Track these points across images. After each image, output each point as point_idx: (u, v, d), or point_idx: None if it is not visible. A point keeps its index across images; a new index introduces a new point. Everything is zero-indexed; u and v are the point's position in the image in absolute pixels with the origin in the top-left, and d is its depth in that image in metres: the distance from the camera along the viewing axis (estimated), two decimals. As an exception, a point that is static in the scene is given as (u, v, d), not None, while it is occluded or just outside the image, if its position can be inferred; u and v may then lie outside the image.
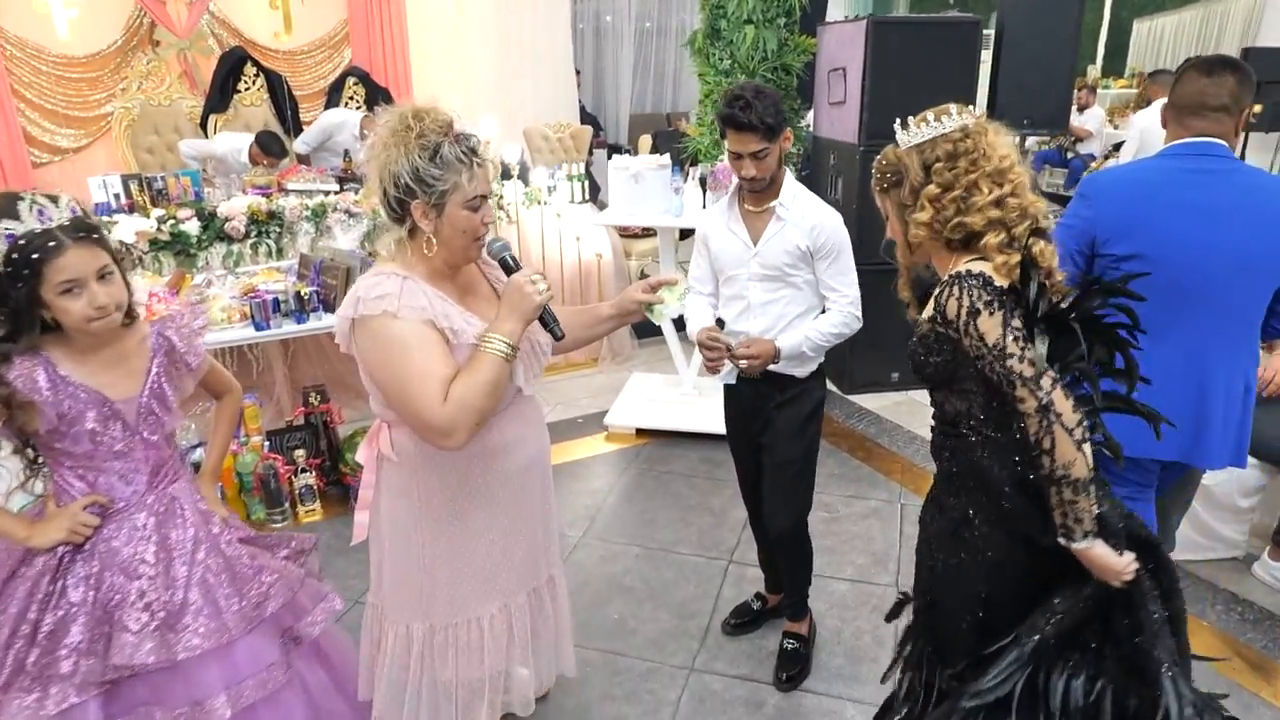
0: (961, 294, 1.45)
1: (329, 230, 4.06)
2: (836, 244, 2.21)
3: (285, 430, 3.54)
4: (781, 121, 2.11)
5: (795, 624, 2.56)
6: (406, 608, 1.80)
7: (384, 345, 1.55)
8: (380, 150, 1.54)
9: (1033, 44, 3.95)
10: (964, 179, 1.50)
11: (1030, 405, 1.41)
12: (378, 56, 6.17)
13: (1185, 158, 2.03)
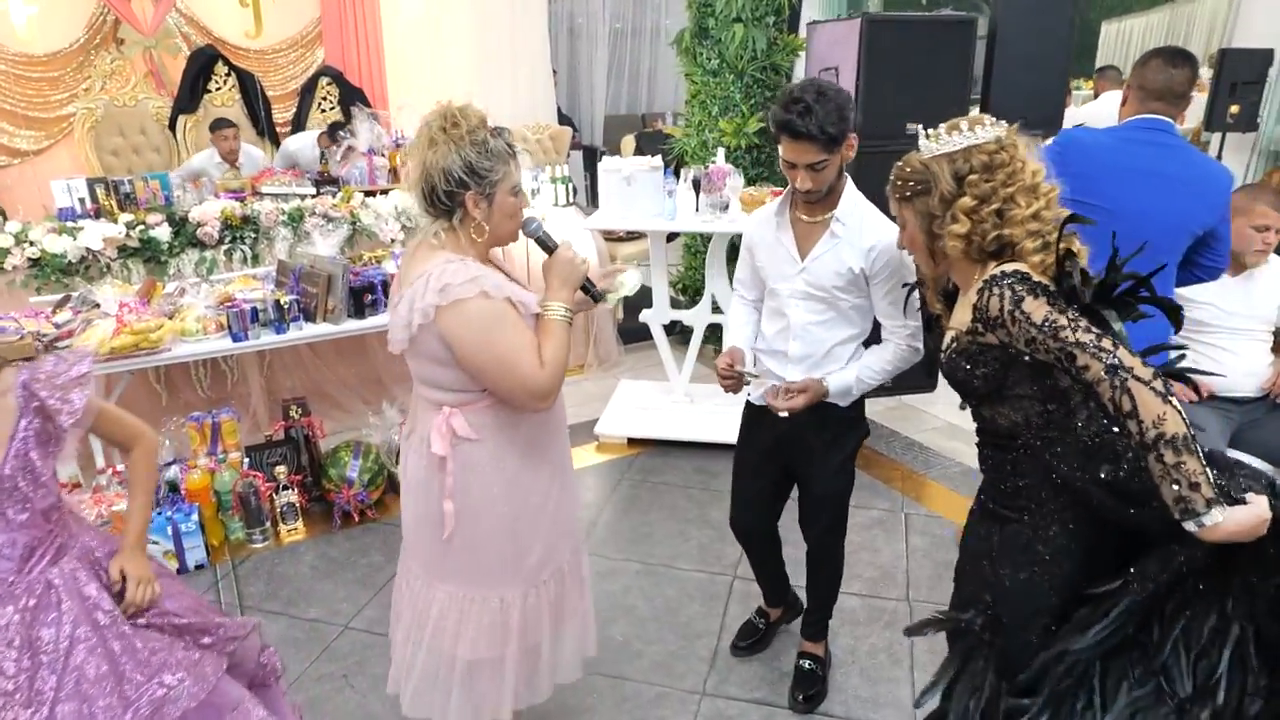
0: (1002, 290, 1.40)
1: (307, 235, 3.91)
2: (897, 265, 1.97)
3: (265, 445, 3.38)
4: (846, 129, 1.85)
5: (813, 645, 2.47)
6: (495, 579, 1.82)
7: (484, 324, 1.61)
8: (427, 149, 1.61)
9: (1026, 43, 3.90)
10: (1001, 191, 1.45)
11: (1097, 369, 1.31)
12: (351, 56, 6.00)
13: (1142, 130, 2.34)
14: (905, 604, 2.80)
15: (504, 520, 1.78)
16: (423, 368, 1.71)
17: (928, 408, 4.32)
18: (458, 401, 1.71)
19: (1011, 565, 1.54)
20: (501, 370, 1.63)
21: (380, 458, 3.41)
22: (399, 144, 4.60)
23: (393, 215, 4.13)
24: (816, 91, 1.84)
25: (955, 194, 1.48)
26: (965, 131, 1.49)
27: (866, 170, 3.92)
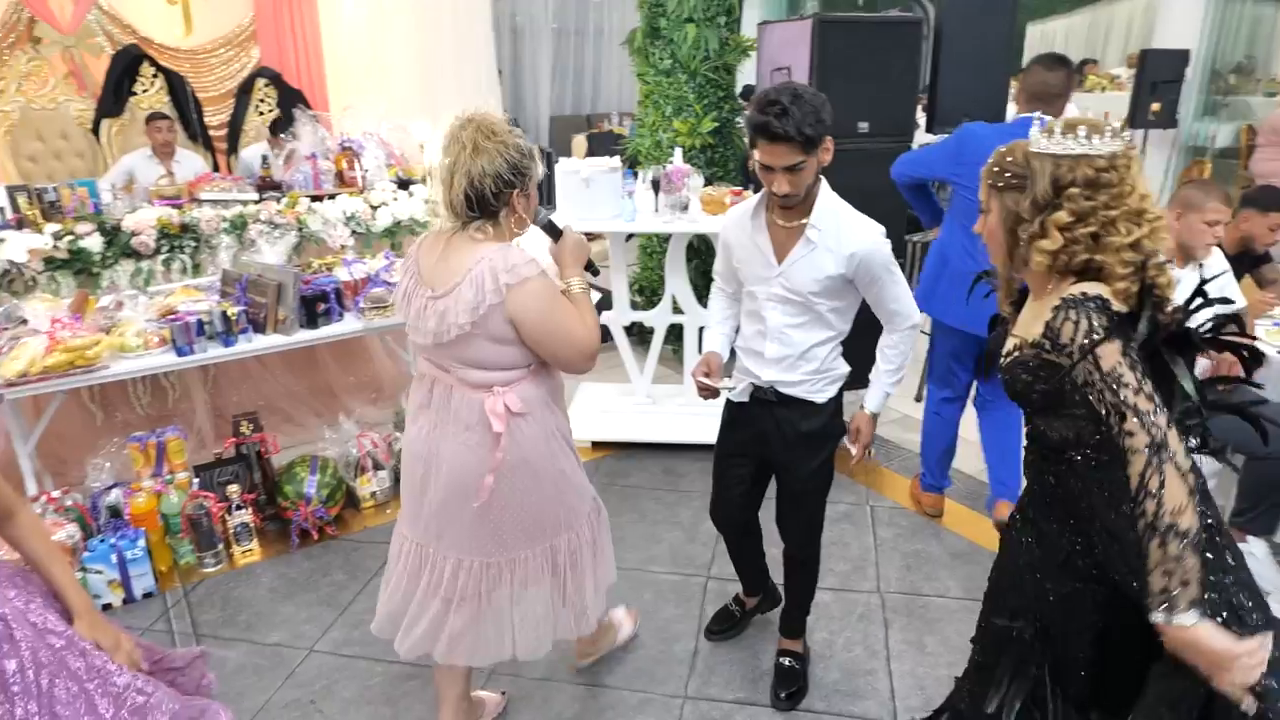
0: (1080, 318, 1.33)
1: (252, 243, 3.75)
2: (882, 266, 1.99)
3: (215, 464, 3.24)
4: (823, 131, 1.84)
5: (791, 641, 2.48)
6: (553, 530, 2.01)
7: (547, 299, 1.81)
8: (473, 157, 1.74)
9: (970, 44, 3.99)
10: (1102, 214, 1.36)
11: (1140, 440, 1.27)
12: (289, 57, 5.79)
13: (1021, 126, 2.65)
14: (877, 595, 2.83)
15: (560, 476, 1.99)
16: (479, 351, 1.82)
17: (884, 402, 4.38)
18: (506, 380, 1.86)
19: (1055, 580, 1.52)
20: (561, 337, 1.84)
21: (338, 472, 3.30)
22: (345, 147, 4.46)
23: (341, 221, 4.00)
24: (792, 94, 1.82)
25: (1049, 202, 1.39)
26: (1081, 138, 1.37)
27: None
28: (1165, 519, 1.24)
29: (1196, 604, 1.23)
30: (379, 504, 3.42)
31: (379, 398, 4.31)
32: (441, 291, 1.80)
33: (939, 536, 3.15)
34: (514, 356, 1.85)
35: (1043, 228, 1.39)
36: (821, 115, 1.84)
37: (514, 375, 1.87)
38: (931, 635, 2.62)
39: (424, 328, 1.83)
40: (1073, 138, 1.37)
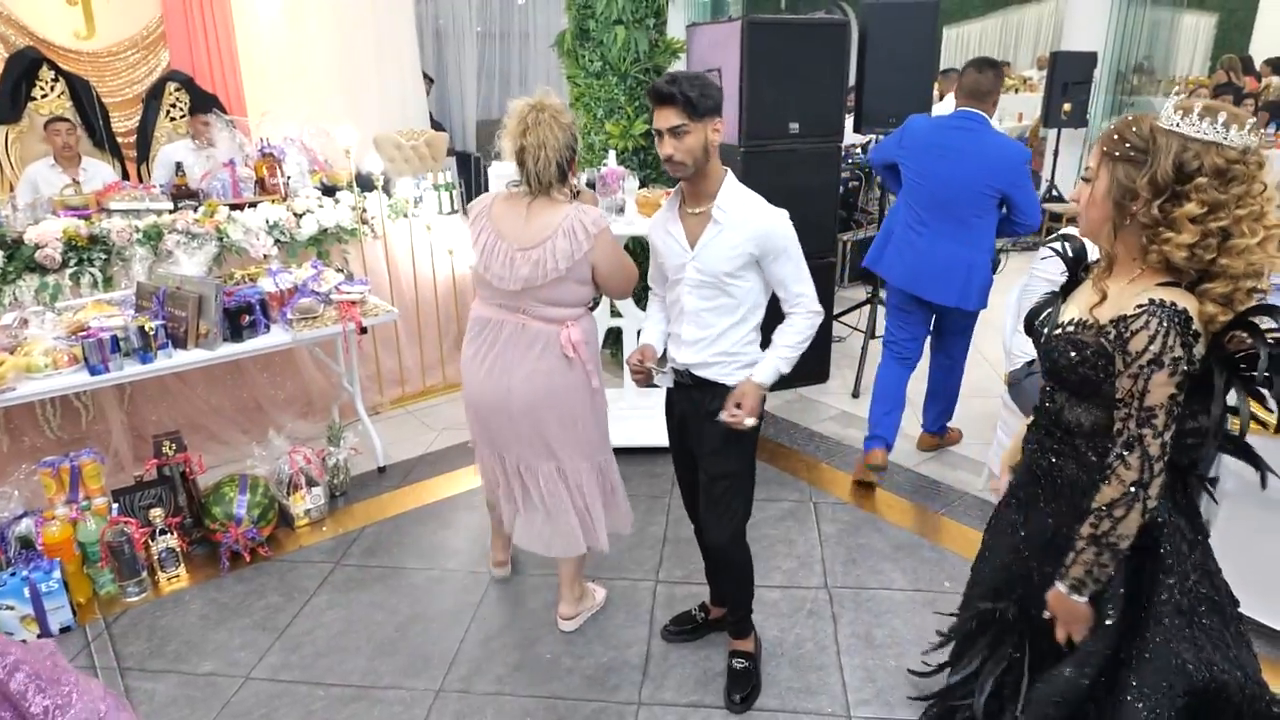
0: (1157, 334, 1.31)
1: (169, 255, 3.58)
2: (784, 244, 2.08)
3: (135, 487, 3.07)
4: (710, 106, 1.95)
5: (740, 641, 2.47)
6: (599, 450, 2.52)
7: (614, 244, 2.31)
8: (554, 132, 2.14)
9: (893, 46, 4.08)
10: (1233, 210, 1.31)
11: (1130, 476, 1.37)
12: (201, 60, 5.56)
13: (956, 119, 3.21)
14: (825, 591, 2.85)
15: (603, 401, 2.49)
16: (564, 291, 2.27)
17: (822, 398, 4.44)
18: (574, 316, 2.34)
19: (1039, 558, 1.57)
20: (627, 272, 2.36)
21: (270, 490, 3.16)
22: (265, 153, 4.30)
23: (264, 229, 3.85)
24: (692, 73, 2.03)
25: (1168, 185, 1.32)
26: (1219, 124, 1.30)
27: (752, 168, 4.02)
28: (1110, 536, 1.40)
29: (1090, 592, 1.47)
30: (314, 522, 3.29)
31: (310, 411, 4.16)
32: (533, 244, 2.21)
33: (881, 530, 3.20)
34: (583, 295, 2.34)
35: (1169, 220, 1.33)
36: (709, 90, 1.96)
37: (578, 313, 2.35)
38: (880, 628, 2.66)
39: (515, 275, 2.23)
40: (1209, 122, 1.30)
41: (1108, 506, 1.39)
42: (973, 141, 3.13)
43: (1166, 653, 1.48)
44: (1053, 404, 1.57)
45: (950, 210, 3.22)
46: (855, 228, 6.50)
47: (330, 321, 3.38)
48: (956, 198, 3.19)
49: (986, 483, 3.48)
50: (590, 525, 2.52)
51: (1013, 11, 11.78)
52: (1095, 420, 1.48)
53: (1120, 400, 1.38)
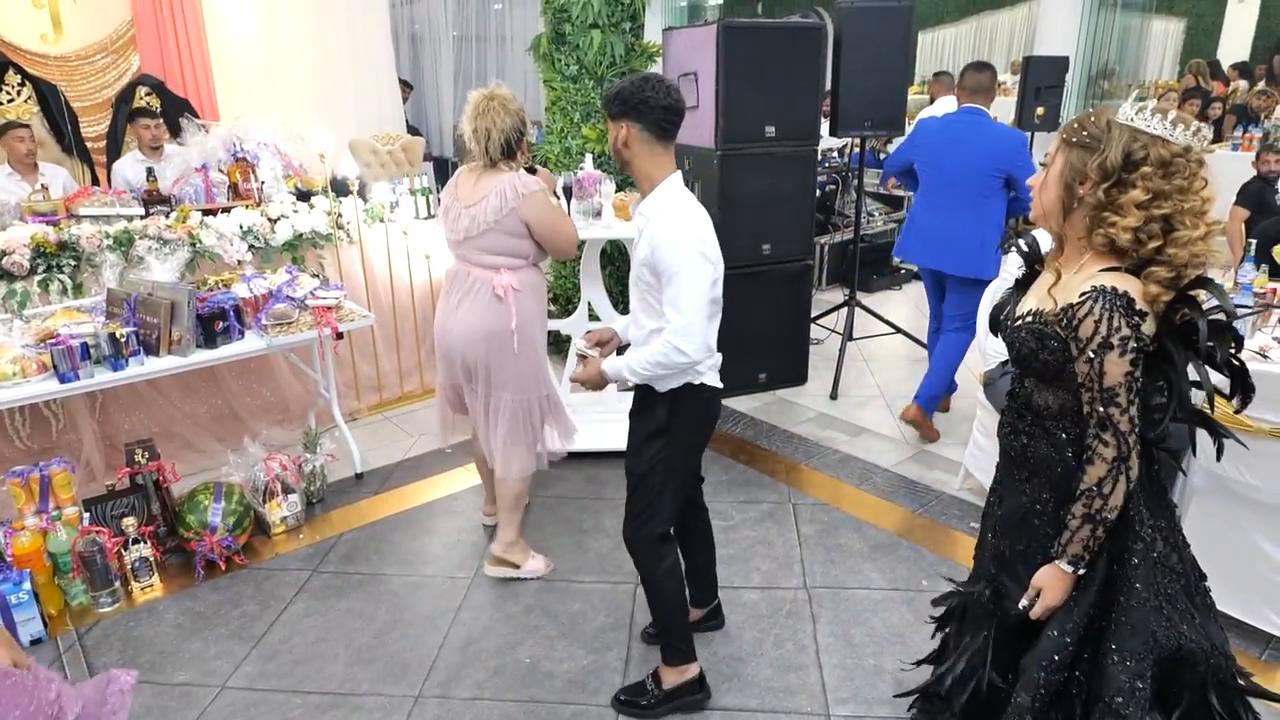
0: (1102, 317, 1.40)
1: (140, 261, 3.53)
2: (670, 266, 1.97)
3: (108, 496, 3.03)
4: (617, 110, 2.02)
5: (661, 665, 2.37)
6: (542, 381, 2.88)
7: (547, 205, 2.73)
8: (503, 117, 2.63)
9: (868, 50, 4.12)
10: (1175, 199, 1.41)
11: (1109, 453, 1.45)
12: (172, 64, 5.50)
13: (962, 114, 3.76)
14: (804, 591, 2.87)
15: (541, 346, 2.86)
16: (496, 242, 2.70)
17: (800, 400, 4.46)
18: (511, 265, 2.74)
19: (1012, 537, 1.64)
20: (560, 230, 2.76)
21: (245, 498, 3.13)
22: (239, 158, 4.26)
23: (238, 235, 3.81)
24: (633, 77, 2.06)
25: (1116, 172, 1.42)
26: (1166, 122, 1.42)
27: (729, 171, 4.04)
28: (1101, 512, 1.47)
29: (1081, 563, 1.55)
30: (290, 529, 3.26)
31: (286, 418, 4.12)
32: (474, 202, 2.68)
33: (860, 530, 3.22)
34: (516, 247, 2.72)
35: (1115, 204, 1.43)
36: (623, 97, 2.02)
37: (515, 263, 2.75)
38: (858, 627, 2.67)
39: (458, 228, 2.71)
40: (1159, 119, 1.41)
41: (1097, 485, 1.47)
42: (977, 132, 3.67)
43: (1140, 615, 1.54)
44: (1022, 389, 1.65)
45: (962, 193, 3.71)
46: (832, 231, 6.54)
47: (306, 327, 3.35)
48: (968, 182, 3.68)
49: (963, 482, 3.52)
50: (512, 450, 2.87)
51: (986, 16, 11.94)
52: (1062, 402, 1.56)
53: (1082, 385, 1.47)
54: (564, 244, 2.79)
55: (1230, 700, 1.61)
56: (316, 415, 3.94)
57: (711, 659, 2.53)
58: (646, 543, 2.27)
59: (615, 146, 2.08)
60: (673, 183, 2.08)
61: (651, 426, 2.20)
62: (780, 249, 4.24)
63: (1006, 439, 1.71)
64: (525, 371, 2.81)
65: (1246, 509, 2.46)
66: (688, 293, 1.98)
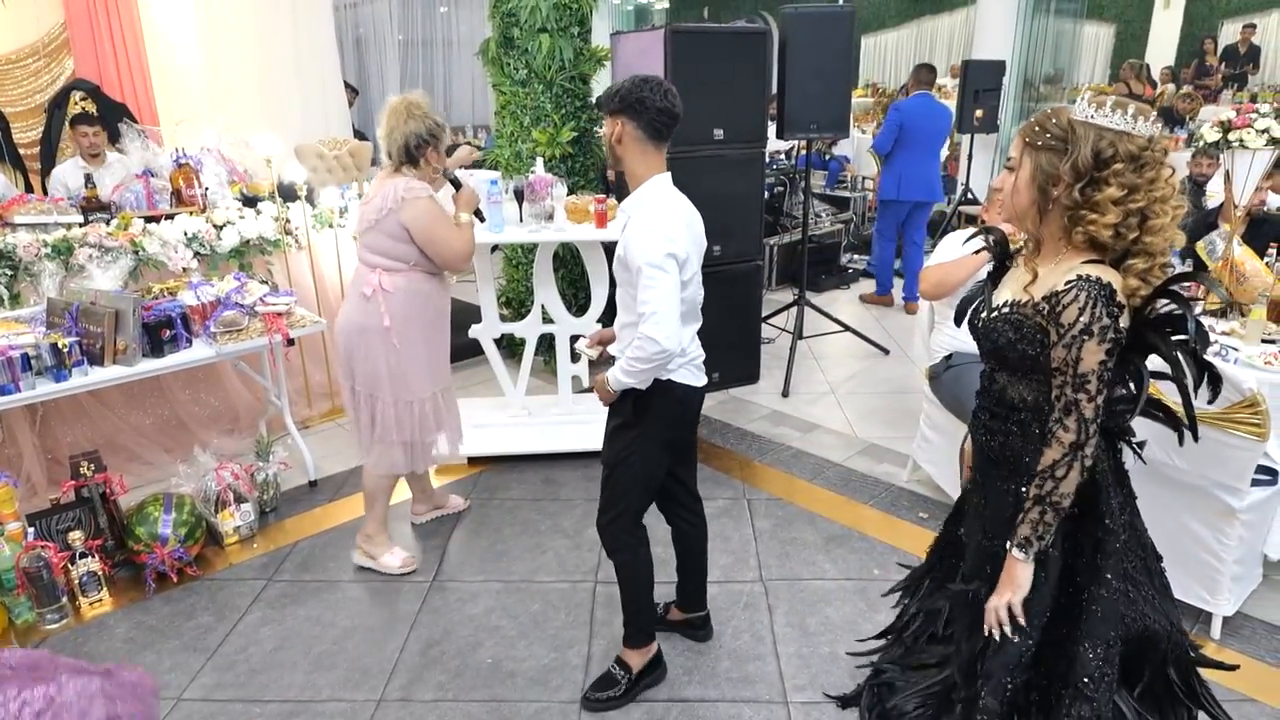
0: (1086, 305, 1.41)
1: (81, 269, 3.45)
2: (639, 259, 2.03)
3: (53, 510, 2.95)
4: (611, 106, 2.10)
5: (625, 649, 2.45)
6: (403, 387, 2.84)
7: (427, 212, 2.71)
8: (406, 121, 2.68)
9: (812, 54, 4.21)
10: (1146, 193, 1.43)
11: (1068, 438, 1.47)
12: (108, 67, 5.36)
13: (920, 98, 5.87)
14: (760, 584, 2.93)
15: (408, 355, 2.81)
16: (378, 241, 2.74)
17: (753, 398, 4.54)
18: (389, 267, 2.76)
19: (1001, 535, 1.62)
20: (439, 242, 2.74)
21: (197, 508, 3.08)
22: (180, 163, 4.18)
23: (182, 242, 3.74)
24: (631, 78, 2.11)
25: (1088, 172, 1.43)
26: (1128, 116, 1.42)
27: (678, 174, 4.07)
28: (1054, 495, 1.49)
29: (1034, 550, 1.56)
30: (244, 539, 3.22)
31: (236, 427, 4.06)
32: (367, 201, 2.76)
33: (813, 523, 3.30)
34: (399, 252, 2.74)
35: (1093, 204, 1.44)
36: (620, 93, 2.09)
37: (395, 265, 2.76)
38: (813, 616, 2.74)
39: (358, 225, 2.80)
40: (1120, 114, 1.42)
41: (1050, 467, 1.49)
42: (929, 106, 5.85)
43: (1111, 604, 1.58)
44: (995, 384, 1.66)
45: (931, 146, 5.85)
46: (781, 232, 6.65)
47: (256, 334, 3.31)
48: (934, 138, 5.85)
49: (911, 474, 3.62)
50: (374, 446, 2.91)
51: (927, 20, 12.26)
52: (1037, 396, 1.58)
53: (1055, 369, 1.49)
54: (447, 255, 2.77)
55: (1186, 674, 1.69)
56: (268, 423, 3.89)
57: (671, 652, 2.57)
58: (615, 533, 2.33)
59: (609, 142, 2.14)
60: (657, 182, 2.13)
61: (618, 420, 2.26)
62: (730, 250, 4.32)
63: (981, 438, 1.71)
64: (395, 374, 2.80)
65: (1175, 491, 2.58)
66: (656, 286, 2.02)
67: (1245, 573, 2.65)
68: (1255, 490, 2.57)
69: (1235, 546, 2.52)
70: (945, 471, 3.36)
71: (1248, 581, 2.70)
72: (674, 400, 2.21)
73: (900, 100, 6.18)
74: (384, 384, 2.82)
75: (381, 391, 2.82)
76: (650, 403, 2.18)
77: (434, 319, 2.88)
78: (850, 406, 4.42)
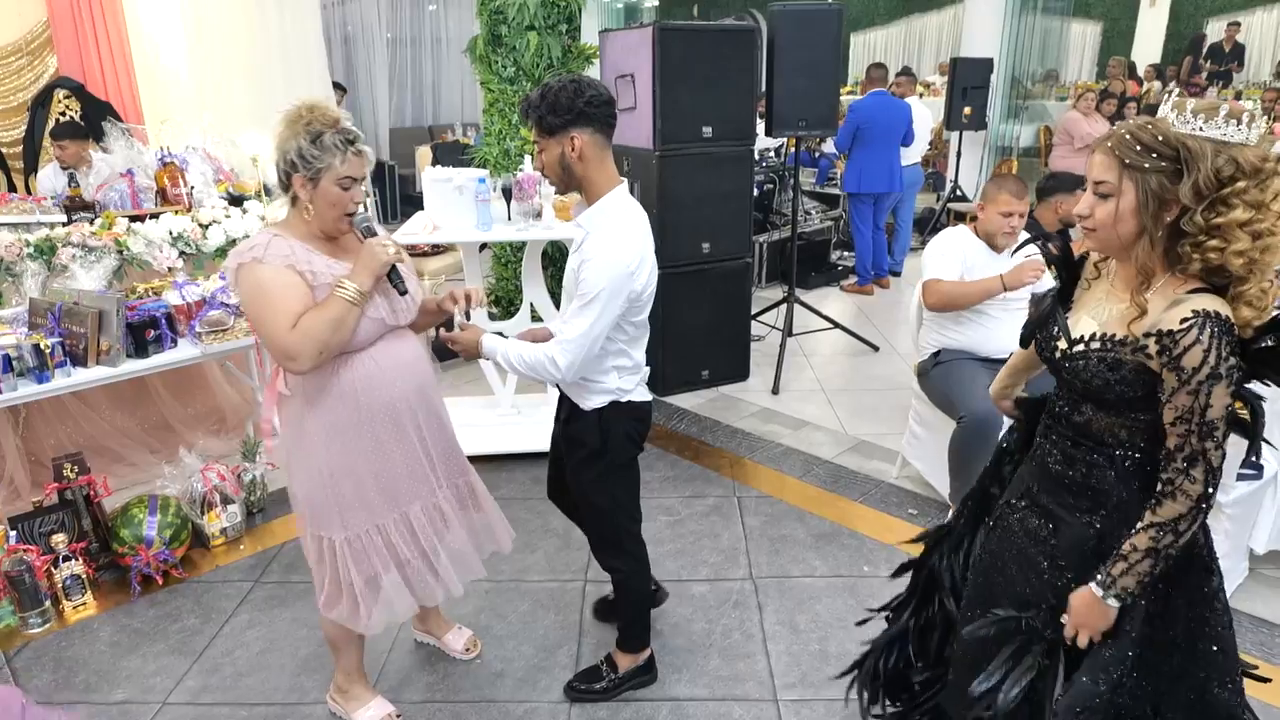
0: (1211, 347, 1.25)
1: (64, 269, 3.42)
2: (590, 286, 1.91)
3: (35, 513, 2.92)
4: (557, 124, 1.90)
5: (617, 650, 2.45)
6: (322, 520, 2.04)
7: (250, 285, 1.86)
8: (279, 131, 1.86)
9: (801, 52, 4.21)
10: (1275, 208, 1.27)
11: (1195, 490, 1.33)
12: (92, 65, 5.31)
13: (875, 96, 6.15)
14: (750, 582, 2.92)
15: (315, 468, 2.00)
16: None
17: (744, 396, 4.54)
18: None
19: (1076, 570, 1.50)
20: (259, 325, 1.88)
21: (182, 510, 3.06)
22: (165, 162, 4.14)
23: (167, 242, 3.71)
24: (550, 85, 1.94)
25: (1211, 193, 1.27)
26: (1242, 125, 1.26)
27: (667, 172, 4.09)
28: (1169, 550, 1.37)
29: (1125, 596, 1.42)
30: (230, 541, 3.19)
31: (223, 428, 4.03)
32: None
33: (803, 520, 3.29)
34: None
35: (1213, 228, 1.28)
36: (558, 106, 1.89)
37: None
38: (802, 614, 2.74)
39: None
40: (1234, 125, 1.27)
41: (1173, 521, 1.35)
42: (890, 102, 6.15)
43: (1229, 639, 1.52)
44: (1079, 416, 1.50)
45: (889, 140, 6.07)
46: (770, 229, 6.66)
47: (242, 334, 3.28)
48: (891, 133, 6.05)
49: (900, 471, 3.63)
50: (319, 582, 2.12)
51: (916, 19, 12.31)
52: (1130, 430, 1.44)
53: (1179, 418, 1.32)
54: (271, 349, 1.88)
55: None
56: (255, 424, 3.86)
57: (661, 650, 2.56)
58: (610, 559, 2.34)
59: (563, 163, 1.94)
60: (618, 195, 2.00)
61: (584, 451, 2.17)
62: (720, 247, 4.31)
63: (1058, 466, 1.56)
64: (309, 500, 2.03)
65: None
66: (590, 316, 1.92)
67: (1231, 567, 2.66)
68: (1240, 485, 2.59)
69: (1221, 541, 2.53)
70: (934, 468, 3.36)
71: (1233, 575, 2.71)
72: (636, 420, 2.19)
73: (856, 100, 6.37)
74: (312, 512, 2.04)
75: (311, 523, 2.06)
76: (615, 429, 2.15)
77: (369, 420, 1.98)
78: (840, 403, 4.42)
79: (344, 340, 1.87)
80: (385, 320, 1.97)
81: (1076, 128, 7.06)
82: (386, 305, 1.97)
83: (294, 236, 1.89)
